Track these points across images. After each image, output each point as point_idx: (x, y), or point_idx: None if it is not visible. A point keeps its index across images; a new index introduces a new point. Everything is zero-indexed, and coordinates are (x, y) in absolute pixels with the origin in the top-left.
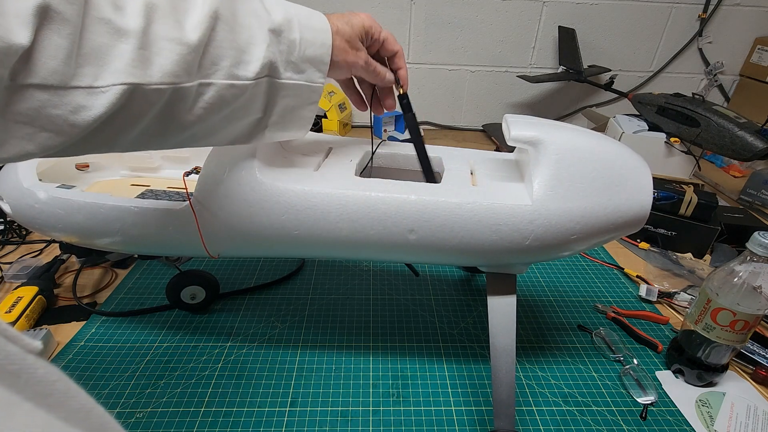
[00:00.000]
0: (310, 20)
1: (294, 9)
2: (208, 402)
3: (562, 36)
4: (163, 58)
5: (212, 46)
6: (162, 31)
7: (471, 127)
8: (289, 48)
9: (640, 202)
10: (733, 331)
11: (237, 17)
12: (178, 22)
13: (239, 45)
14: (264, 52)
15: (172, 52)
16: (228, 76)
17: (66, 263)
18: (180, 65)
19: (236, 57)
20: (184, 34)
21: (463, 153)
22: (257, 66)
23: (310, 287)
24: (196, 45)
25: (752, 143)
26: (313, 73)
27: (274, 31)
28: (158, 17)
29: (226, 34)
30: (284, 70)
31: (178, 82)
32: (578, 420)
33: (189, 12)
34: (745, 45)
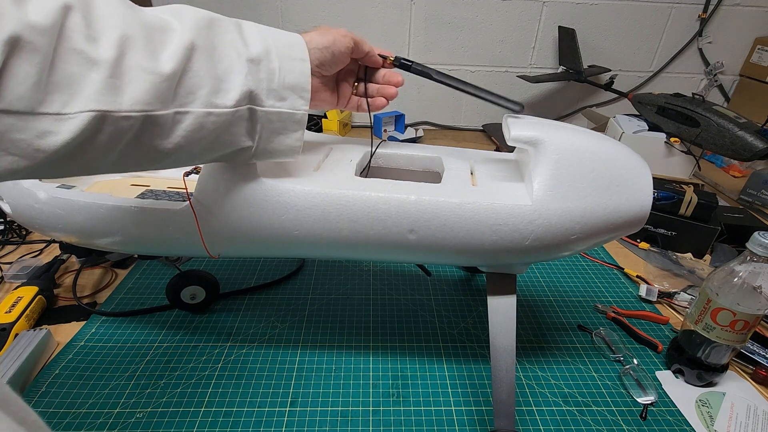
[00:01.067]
0: (290, 50)
1: (273, 39)
2: (208, 402)
3: (562, 36)
4: (135, 87)
5: (188, 76)
6: (135, 61)
7: (471, 127)
8: (269, 76)
9: (640, 202)
10: (733, 331)
11: (215, 48)
12: (153, 52)
13: (217, 74)
14: (243, 80)
15: (144, 81)
16: (206, 104)
17: (66, 263)
18: (152, 93)
19: (214, 86)
20: (157, 64)
21: (463, 153)
22: (236, 94)
23: (310, 287)
24: (170, 74)
25: (752, 143)
26: (295, 100)
27: (252, 60)
28: (132, 48)
29: (204, 63)
30: (266, 98)
31: (151, 110)
32: (578, 420)
33: (166, 44)
34: (745, 45)
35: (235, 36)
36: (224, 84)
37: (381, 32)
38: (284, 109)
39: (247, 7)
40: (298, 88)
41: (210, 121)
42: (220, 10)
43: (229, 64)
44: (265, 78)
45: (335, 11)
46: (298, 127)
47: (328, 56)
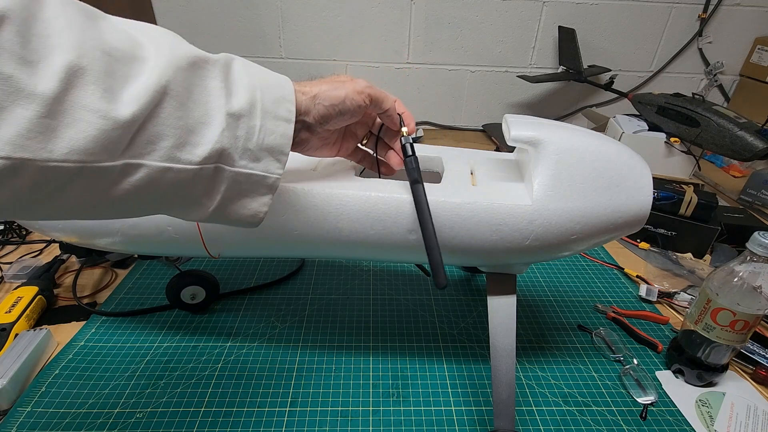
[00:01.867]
0: (276, 107)
1: (261, 90)
2: (208, 402)
3: (562, 36)
4: (76, 132)
5: (153, 123)
6: (84, 99)
7: (471, 127)
8: (247, 135)
9: (640, 202)
10: (733, 331)
11: (191, 93)
12: (111, 91)
13: (188, 125)
14: (217, 136)
15: (90, 126)
16: (166, 158)
17: (66, 263)
18: (98, 142)
19: (181, 138)
20: (114, 106)
21: (463, 153)
22: (206, 150)
23: (310, 287)
24: (128, 121)
25: (752, 143)
26: (270, 162)
27: (233, 115)
28: (83, 83)
29: (174, 111)
30: (239, 158)
31: (92, 161)
32: (578, 420)
33: (130, 80)
34: (745, 45)
35: (218, 82)
36: (193, 137)
37: (381, 32)
38: (256, 171)
39: (247, 7)
40: (276, 151)
41: (167, 178)
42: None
43: (203, 114)
44: (242, 136)
45: (335, 11)
46: (267, 191)
47: (334, 114)
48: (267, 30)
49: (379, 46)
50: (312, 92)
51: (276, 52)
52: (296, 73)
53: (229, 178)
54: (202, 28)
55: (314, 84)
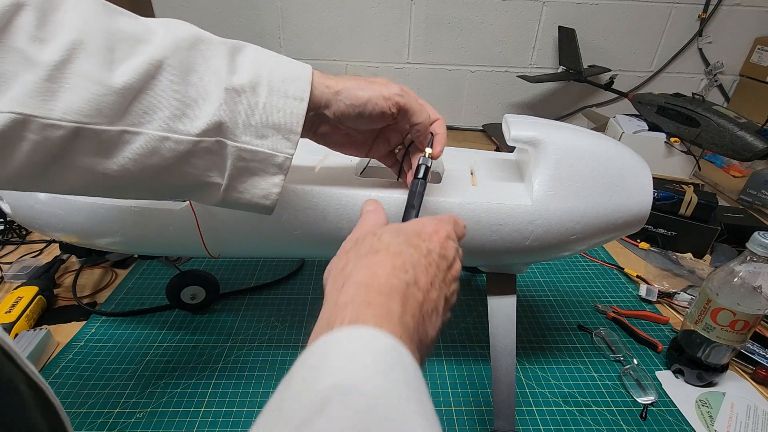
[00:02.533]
0: (285, 85)
1: (270, 70)
2: (208, 402)
3: (562, 36)
4: (73, 95)
5: (149, 94)
6: (82, 68)
7: (471, 127)
8: (249, 110)
9: (640, 202)
10: (733, 331)
11: (192, 70)
12: (110, 62)
13: (186, 98)
14: (215, 109)
15: (84, 91)
16: (164, 128)
17: (66, 263)
18: (92, 105)
19: (179, 109)
20: (109, 75)
21: (463, 153)
22: (204, 123)
23: (310, 287)
24: (120, 88)
25: (752, 143)
26: (278, 141)
27: (232, 90)
28: (83, 55)
29: (172, 84)
30: (241, 133)
31: (87, 123)
32: (578, 420)
33: (130, 56)
34: (745, 45)
35: (221, 62)
36: (192, 110)
37: (381, 32)
38: (262, 149)
39: (247, 7)
40: (283, 129)
41: (166, 147)
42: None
43: (203, 89)
44: (243, 111)
45: (335, 11)
46: (277, 171)
47: (353, 114)
48: (267, 30)
49: (379, 46)
50: (337, 87)
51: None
52: None
53: (232, 153)
54: (202, 28)
55: (342, 79)
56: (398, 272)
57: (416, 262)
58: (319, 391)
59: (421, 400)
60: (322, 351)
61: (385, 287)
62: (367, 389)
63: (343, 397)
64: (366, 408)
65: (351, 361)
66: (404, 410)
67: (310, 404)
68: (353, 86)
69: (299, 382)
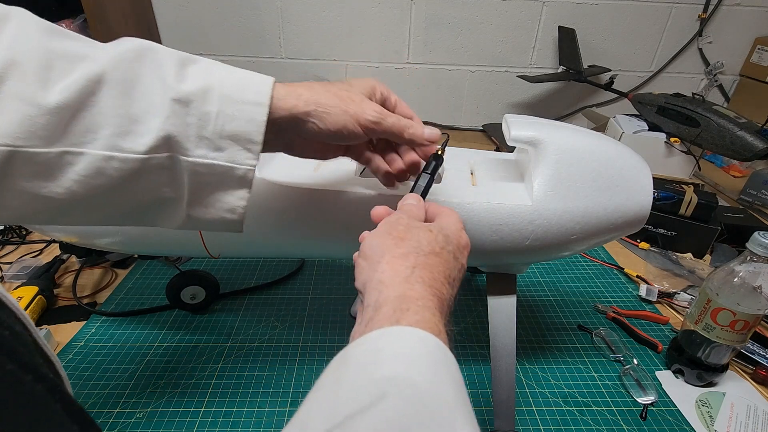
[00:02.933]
0: (241, 92)
1: (221, 78)
2: (208, 402)
3: (562, 36)
4: (3, 117)
5: (90, 112)
6: (13, 89)
7: (471, 127)
8: (200, 121)
9: (640, 202)
10: (733, 331)
11: (136, 83)
12: (44, 81)
13: (131, 114)
14: (161, 123)
15: (16, 112)
16: (108, 147)
17: (66, 263)
18: (24, 127)
19: (123, 126)
20: (42, 95)
21: (463, 153)
22: (150, 139)
23: (310, 287)
24: (55, 107)
25: (752, 143)
26: (237, 152)
27: (179, 101)
28: (16, 75)
29: (114, 100)
30: (194, 147)
31: (21, 146)
32: (578, 420)
33: (69, 74)
34: (745, 45)
35: (168, 71)
36: (137, 126)
37: (381, 32)
38: (219, 162)
39: (247, 7)
40: (241, 139)
41: (112, 167)
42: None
43: (149, 103)
44: (194, 123)
45: (335, 11)
46: (239, 185)
47: (326, 137)
48: (267, 30)
49: (379, 46)
50: (307, 104)
51: (276, 52)
52: (296, 73)
53: (187, 168)
54: (201, 28)
55: (312, 91)
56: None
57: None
58: (377, 380)
59: (463, 398)
60: (381, 341)
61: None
62: (420, 382)
63: (398, 388)
64: (418, 401)
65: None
66: (451, 405)
67: (369, 393)
68: (325, 107)
69: (358, 368)
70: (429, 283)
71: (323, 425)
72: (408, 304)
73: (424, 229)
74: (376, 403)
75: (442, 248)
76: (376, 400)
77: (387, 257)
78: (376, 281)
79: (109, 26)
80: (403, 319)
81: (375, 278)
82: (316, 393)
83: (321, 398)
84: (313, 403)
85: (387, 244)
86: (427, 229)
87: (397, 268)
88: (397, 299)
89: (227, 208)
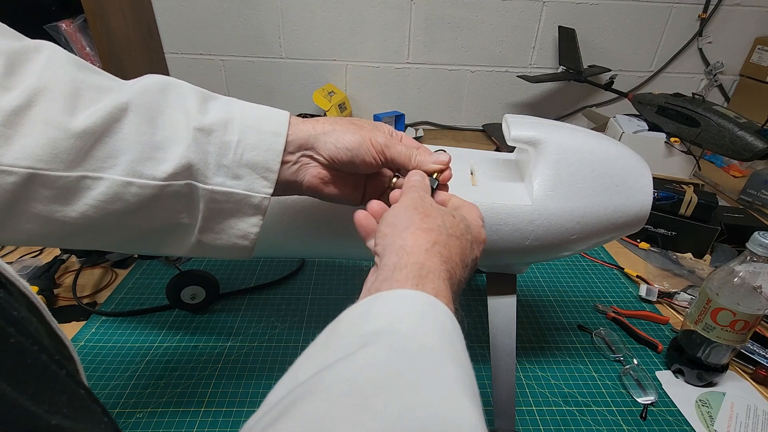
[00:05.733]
0: (260, 122)
1: (242, 110)
2: (208, 402)
3: (562, 36)
4: (28, 140)
5: (113, 138)
6: (42, 113)
7: (471, 127)
8: (220, 150)
9: (640, 203)
10: (733, 331)
11: (161, 113)
12: (72, 108)
13: (153, 141)
14: (183, 151)
15: (41, 135)
16: (128, 173)
17: (66, 263)
18: (47, 149)
19: (145, 153)
20: (69, 119)
21: (463, 153)
22: (171, 166)
23: (310, 287)
24: (80, 132)
25: (752, 143)
26: (254, 180)
27: (201, 130)
28: (45, 100)
29: (138, 127)
30: (213, 175)
31: (41, 168)
32: (578, 420)
33: (96, 103)
34: (745, 45)
35: (191, 104)
36: (159, 153)
37: (381, 32)
38: (236, 190)
39: (247, 7)
40: (259, 167)
41: (130, 193)
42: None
43: (172, 131)
44: (214, 151)
45: (335, 11)
46: (255, 212)
47: (345, 158)
48: (267, 30)
49: (379, 46)
50: (323, 128)
51: (276, 52)
52: (296, 73)
53: (204, 195)
54: (201, 29)
55: (327, 121)
56: (461, 266)
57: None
58: (362, 334)
59: (453, 345)
60: (378, 302)
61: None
62: (402, 329)
63: (380, 336)
64: (400, 346)
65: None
66: (435, 350)
67: (354, 344)
68: (341, 130)
69: (346, 325)
70: (446, 259)
71: (311, 372)
72: (427, 272)
73: (448, 213)
74: (360, 349)
75: (461, 234)
76: (360, 348)
77: (412, 228)
78: (398, 246)
79: (109, 26)
80: (422, 285)
81: (397, 243)
82: (309, 349)
83: (312, 353)
84: (305, 357)
85: (413, 217)
86: (450, 214)
87: (419, 239)
88: (415, 265)
89: (240, 234)
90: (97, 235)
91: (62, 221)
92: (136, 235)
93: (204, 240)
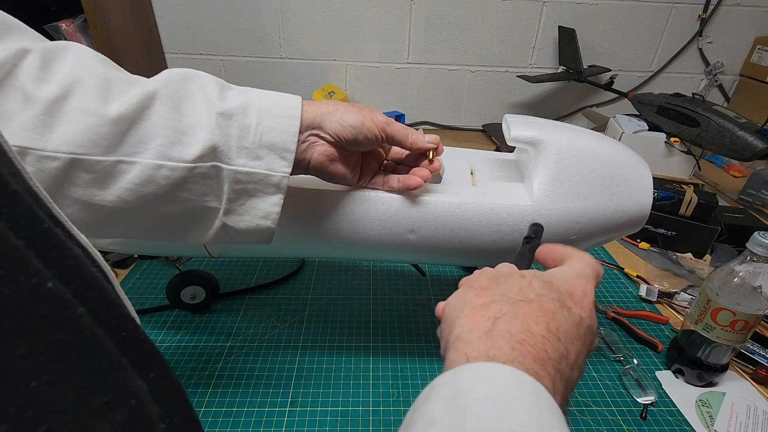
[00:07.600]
0: (275, 106)
1: (258, 96)
2: (208, 402)
3: (562, 36)
4: (68, 127)
5: (143, 125)
6: (79, 102)
7: (471, 127)
8: (241, 133)
9: (640, 203)
10: (733, 331)
11: (184, 100)
12: (105, 97)
13: (180, 126)
14: (208, 135)
15: (80, 123)
16: (158, 156)
17: None
18: (87, 136)
19: (173, 137)
20: (104, 107)
21: (463, 153)
22: (197, 149)
23: (310, 287)
24: (115, 118)
25: (752, 143)
26: (273, 160)
27: (223, 114)
28: (81, 90)
29: (165, 113)
30: (236, 156)
31: (81, 153)
32: (578, 420)
33: (126, 93)
34: (745, 45)
35: (212, 92)
36: (185, 137)
37: (381, 32)
38: (257, 170)
39: (247, 7)
40: (277, 148)
41: (161, 175)
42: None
43: (196, 117)
44: (236, 134)
45: (335, 11)
46: (275, 191)
47: (349, 136)
48: (267, 30)
49: (379, 46)
50: (328, 109)
51: (276, 52)
52: (296, 73)
53: (229, 176)
54: (201, 28)
55: (332, 103)
56: (552, 338)
57: (568, 331)
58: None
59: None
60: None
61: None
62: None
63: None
64: None
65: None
66: None
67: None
68: (345, 110)
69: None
70: (519, 337)
71: None
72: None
73: (515, 275)
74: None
75: (538, 295)
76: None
77: (466, 310)
78: (453, 339)
79: (109, 26)
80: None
81: (453, 335)
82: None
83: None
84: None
85: (467, 297)
86: (518, 275)
87: (476, 320)
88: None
89: (262, 214)
90: (129, 221)
91: (99, 205)
92: (165, 221)
93: (228, 223)
